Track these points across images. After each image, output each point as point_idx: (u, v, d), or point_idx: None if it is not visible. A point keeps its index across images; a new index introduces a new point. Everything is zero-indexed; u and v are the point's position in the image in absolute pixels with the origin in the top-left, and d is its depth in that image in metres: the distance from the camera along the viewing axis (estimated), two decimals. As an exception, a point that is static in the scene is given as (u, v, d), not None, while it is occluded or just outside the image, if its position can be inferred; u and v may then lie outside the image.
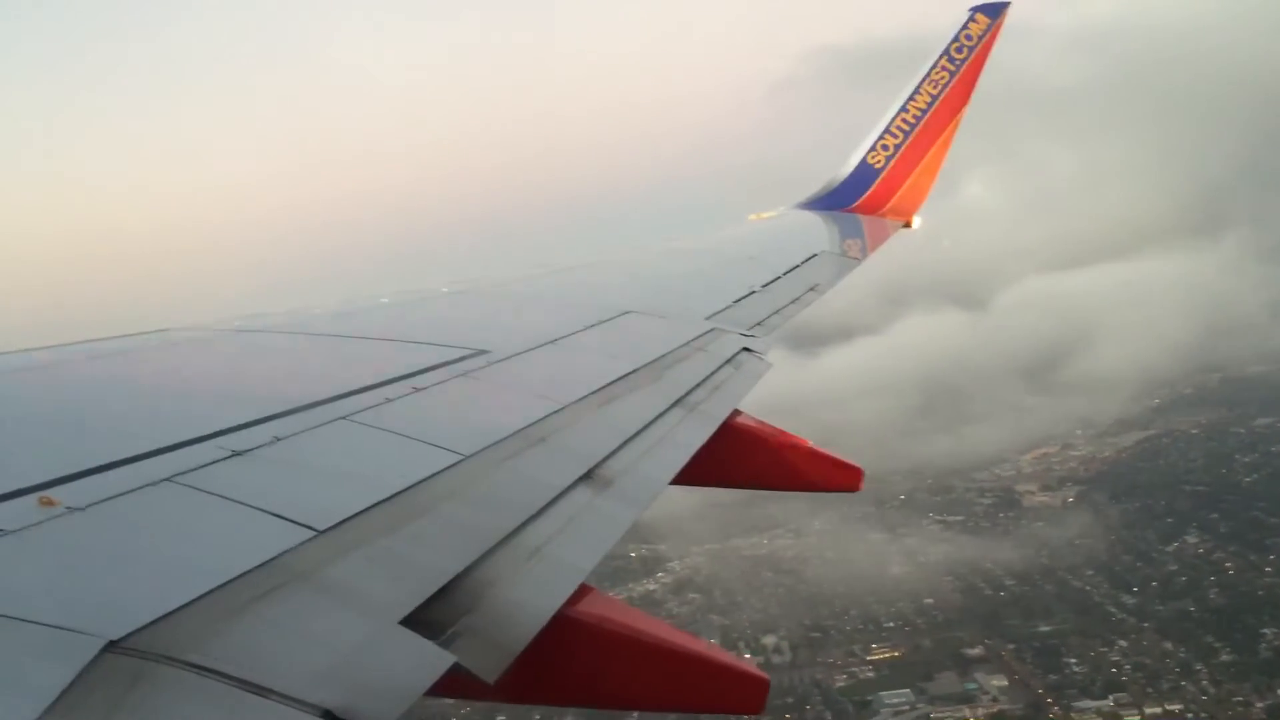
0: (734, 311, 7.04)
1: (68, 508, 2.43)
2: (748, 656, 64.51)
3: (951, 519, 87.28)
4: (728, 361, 5.61)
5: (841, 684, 62.06)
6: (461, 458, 3.32)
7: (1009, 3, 12.85)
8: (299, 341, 5.03)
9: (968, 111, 13.15)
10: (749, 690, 3.02)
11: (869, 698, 59.99)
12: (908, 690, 60.07)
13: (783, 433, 5.29)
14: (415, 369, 4.26)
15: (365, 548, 2.57)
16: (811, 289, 8.33)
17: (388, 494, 2.90)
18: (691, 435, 4.32)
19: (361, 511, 2.74)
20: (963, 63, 12.91)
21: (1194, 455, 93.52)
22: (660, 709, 3.10)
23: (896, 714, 58.09)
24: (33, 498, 2.45)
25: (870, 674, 63.25)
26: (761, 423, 5.23)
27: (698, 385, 5.02)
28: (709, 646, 3.14)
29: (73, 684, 1.71)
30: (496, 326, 5.85)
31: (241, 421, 3.26)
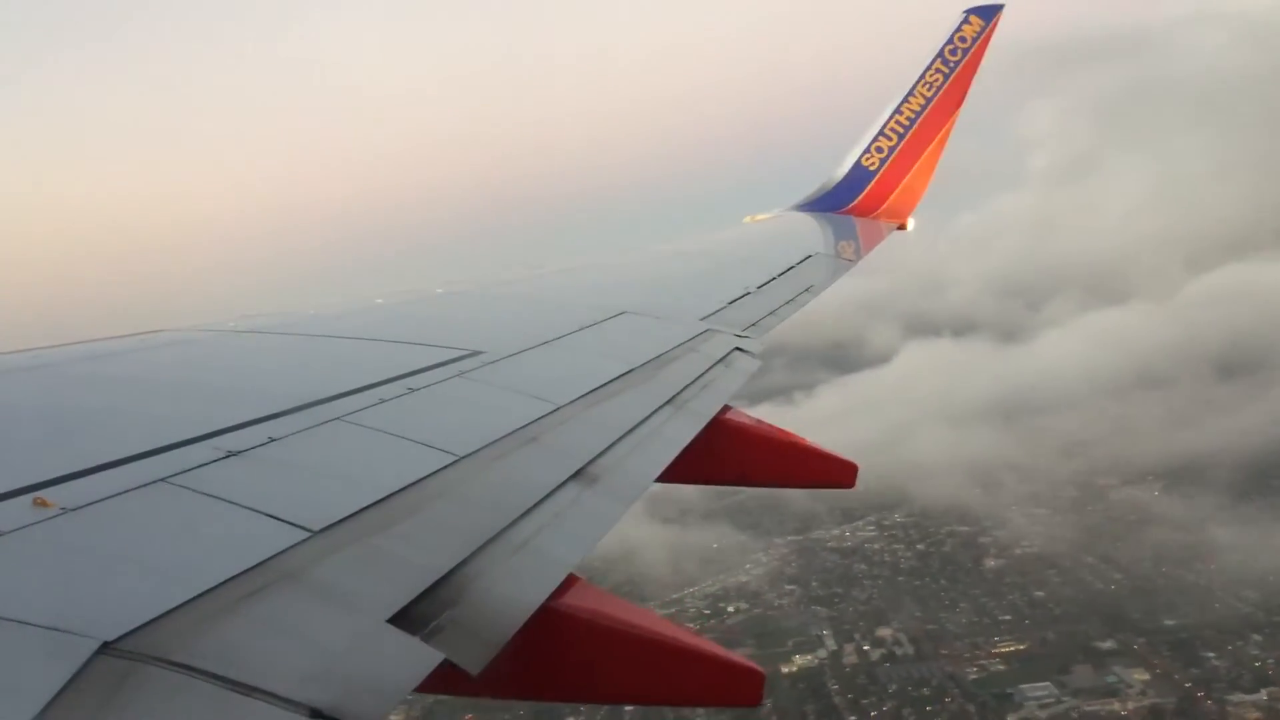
0: (729, 313, 7.06)
1: (62, 508, 2.44)
2: (865, 649, 65.55)
3: (1037, 511, 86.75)
4: (719, 361, 5.64)
5: (975, 676, 61.73)
6: (456, 458, 3.33)
7: (1003, 5, 12.88)
8: (294, 342, 5.03)
9: (962, 113, 13.19)
10: (745, 683, 3.02)
11: (1008, 690, 59.59)
12: (1047, 683, 59.63)
13: (776, 429, 5.31)
14: (410, 369, 4.27)
15: (359, 548, 2.58)
16: (806, 290, 8.35)
17: (382, 495, 2.91)
18: (680, 432, 4.34)
19: (356, 512, 2.75)
20: (957, 65, 12.93)
21: (1275, 449, 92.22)
22: (656, 703, 3.10)
23: (1042, 706, 57.67)
24: (27, 498, 2.46)
25: (1001, 667, 62.88)
26: (759, 421, 5.26)
27: (689, 384, 5.04)
28: (704, 640, 3.15)
29: (67, 685, 1.71)
30: (491, 327, 5.86)
31: (236, 422, 3.27)
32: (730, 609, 73.21)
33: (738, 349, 6.02)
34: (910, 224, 13.32)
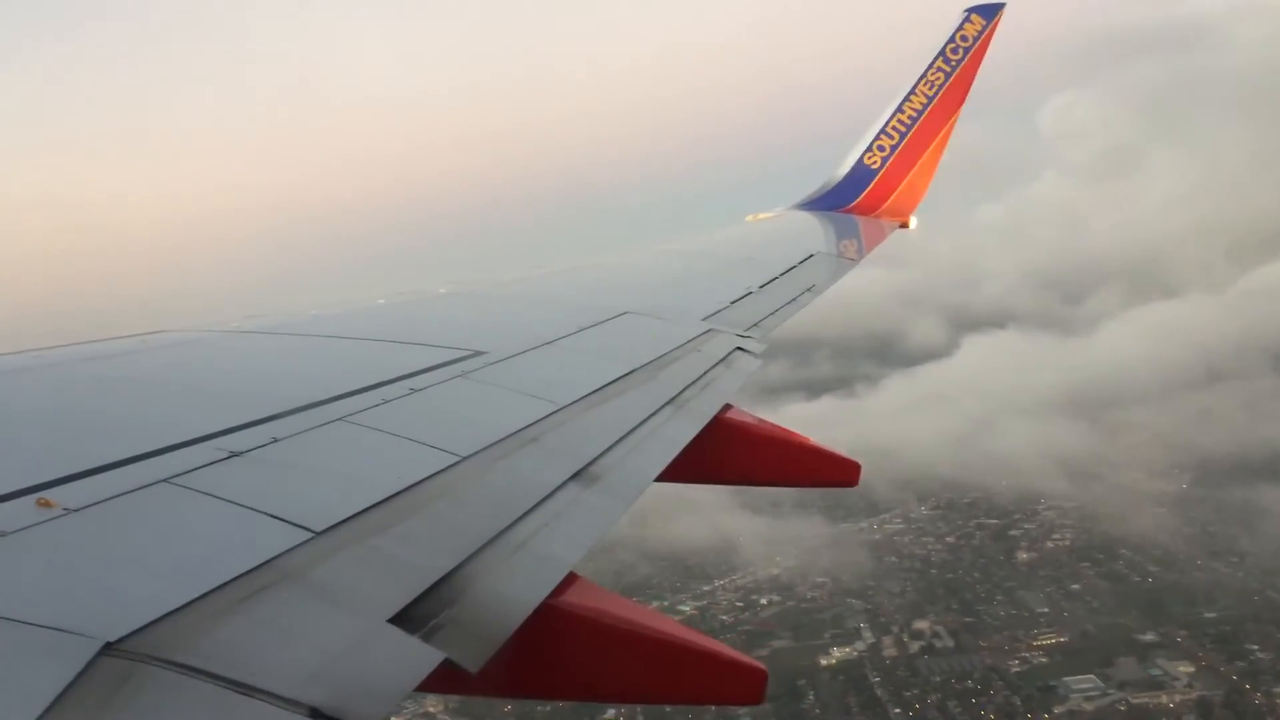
0: (731, 312, 7.06)
1: (65, 509, 2.44)
2: (904, 641, 65.60)
3: (1068, 505, 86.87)
4: (720, 361, 5.64)
5: (1017, 669, 61.52)
6: (458, 459, 3.33)
7: (1004, 3, 12.88)
8: (296, 342, 5.04)
9: (963, 111, 13.19)
10: (747, 681, 3.02)
11: (1052, 683, 59.41)
12: (1091, 676, 59.49)
13: (778, 428, 5.31)
14: (412, 370, 4.27)
15: (361, 549, 2.59)
16: (808, 290, 8.35)
17: (384, 495, 2.91)
18: (680, 432, 4.34)
19: (358, 513, 2.76)
20: (958, 63, 12.93)
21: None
22: (659, 701, 3.10)
23: (1087, 699, 57.54)
24: (30, 499, 2.46)
25: (1043, 659, 62.72)
26: (761, 420, 5.25)
27: (691, 384, 5.04)
28: (706, 638, 3.14)
29: (70, 686, 1.71)
30: (494, 327, 5.86)
31: (239, 423, 3.27)
32: (763, 601, 73.12)
33: (739, 349, 6.02)
34: (913, 223, 13.32)
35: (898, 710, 58.32)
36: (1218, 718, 55.60)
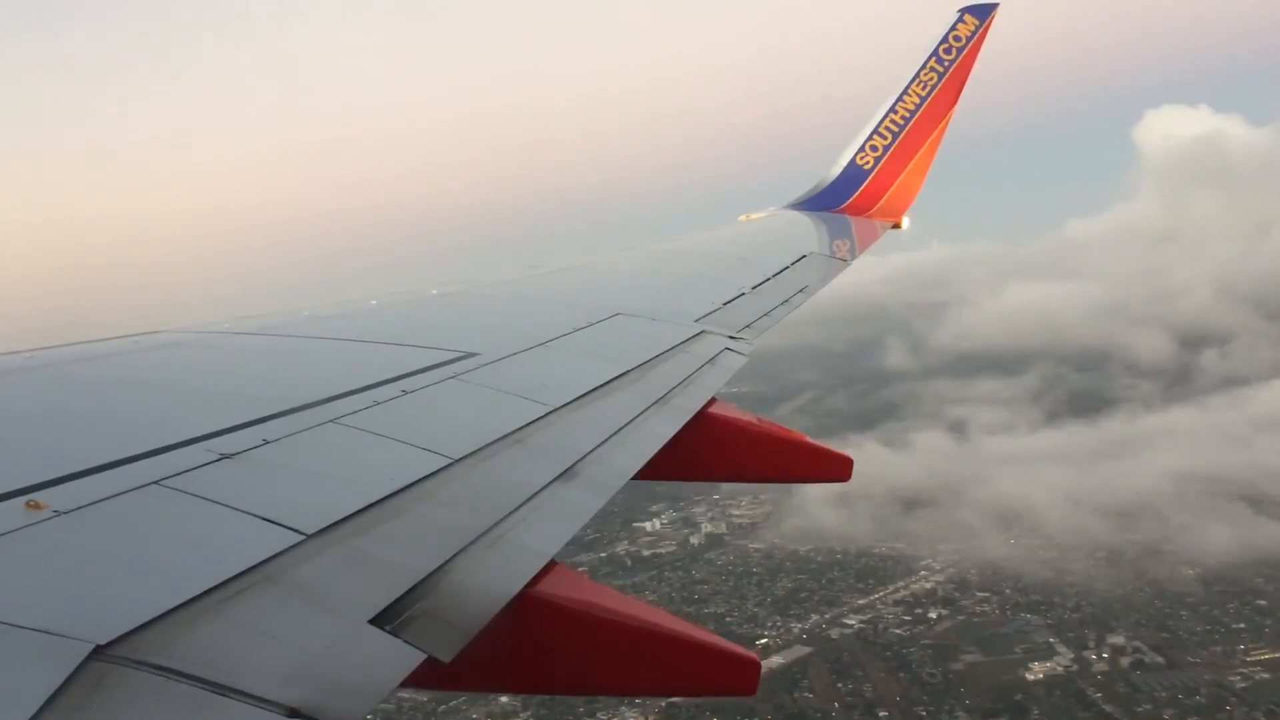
0: (724, 314, 7.08)
1: (55, 511, 2.44)
2: (1106, 655, 62.17)
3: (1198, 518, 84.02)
4: (709, 361, 5.67)
5: (1242, 685, 58.98)
6: (450, 461, 3.34)
7: (997, 4, 12.92)
8: (288, 344, 5.03)
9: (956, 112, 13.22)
10: (740, 672, 3.02)
11: None
12: None
13: (768, 423, 5.33)
14: (404, 371, 4.27)
15: (353, 551, 2.59)
16: (801, 290, 8.37)
17: (376, 497, 2.92)
18: (662, 429, 4.38)
19: (350, 515, 2.76)
20: (951, 64, 12.96)
21: None
22: (651, 693, 3.10)
23: None
24: (19, 500, 2.46)
25: (1264, 675, 60.05)
26: (760, 418, 5.27)
27: (679, 384, 5.08)
28: (696, 628, 3.15)
29: (60, 689, 1.71)
30: (486, 329, 5.87)
31: (230, 424, 3.28)
32: (932, 615, 70.01)
33: (730, 350, 6.04)
34: (905, 223, 13.34)
35: (1143, 727, 55.27)
36: None
